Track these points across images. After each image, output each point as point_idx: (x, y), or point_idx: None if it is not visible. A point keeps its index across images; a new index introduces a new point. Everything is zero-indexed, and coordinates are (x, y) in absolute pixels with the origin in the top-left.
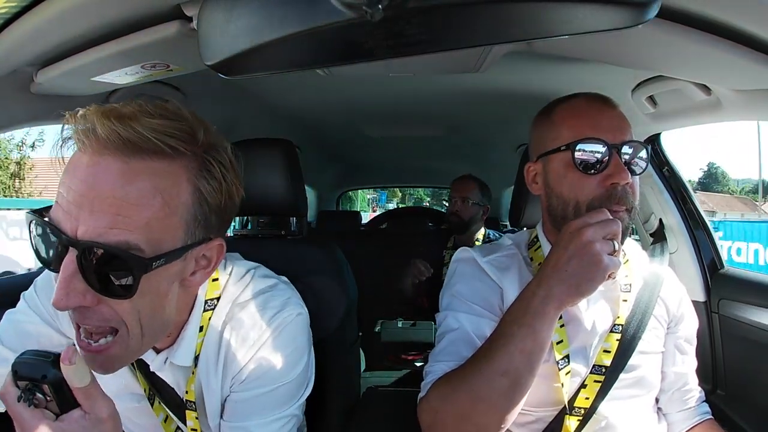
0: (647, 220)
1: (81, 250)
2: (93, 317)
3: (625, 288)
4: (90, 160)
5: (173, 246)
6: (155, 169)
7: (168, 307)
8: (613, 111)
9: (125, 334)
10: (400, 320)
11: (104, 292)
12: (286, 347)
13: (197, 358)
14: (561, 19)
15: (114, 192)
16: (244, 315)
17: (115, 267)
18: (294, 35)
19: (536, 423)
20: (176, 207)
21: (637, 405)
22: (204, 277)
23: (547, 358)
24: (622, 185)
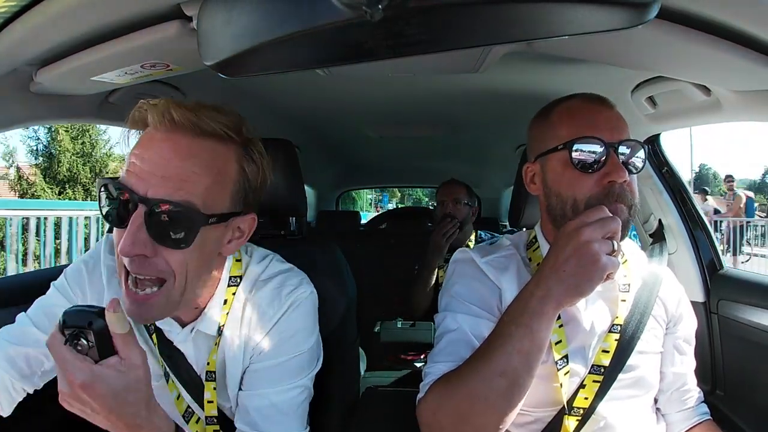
0: (647, 220)
1: (150, 206)
2: (148, 267)
3: (623, 288)
4: (163, 137)
5: (222, 210)
6: (213, 149)
7: (208, 266)
8: (610, 110)
9: (170, 285)
10: (400, 320)
11: (165, 243)
12: (301, 321)
13: (220, 330)
14: (561, 19)
15: (181, 162)
16: (265, 290)
17: (176, 221)
18: (294, 35)
19: (535, 423)
20: (226, 180)
21: (635, 405)
22: (236, 247)
23: (546, 358)
24: (619, 183)
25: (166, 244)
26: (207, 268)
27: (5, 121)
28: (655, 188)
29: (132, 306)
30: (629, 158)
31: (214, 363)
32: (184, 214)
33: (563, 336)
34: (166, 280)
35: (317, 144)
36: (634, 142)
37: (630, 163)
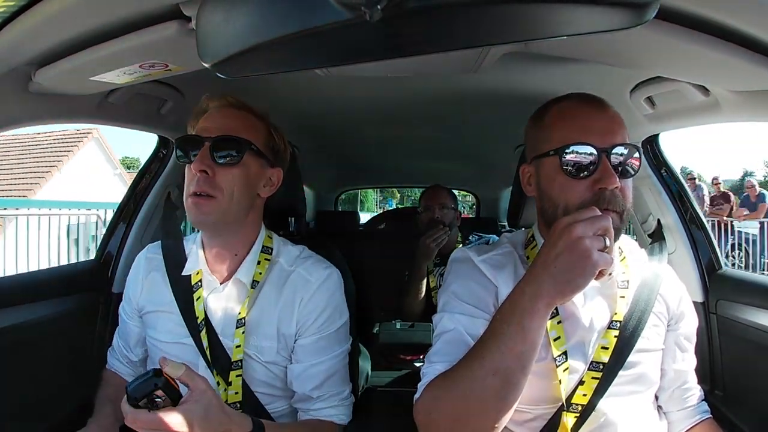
0: (645, 220)
1: (212, 140)
2: (206, 183)
3: (622, 285)
4: (219, 108)
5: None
6: (251, 117)
7: (249, 198)
8: (604, 113)
9: (220, 199)
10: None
11: (223, 161)
12: (339, 292)
13: (254, 284)
14: (559, 19)
15: (233, 120)
16: (306, 264)
17: (229, 145)
18: (292, 35)
19: (535, 421)
20: (260, 134)
21: (636, 401)
22: (270, 192)
23: (545, 355)
24: (610, 189)
25: (224, 163)
26: (249, 198)
27: (4, 121)
28: (654, 188)
29: (193, 210)
30: (623, 162)
31: (245, 311)
32: (234, 140)
33: (562, 332)
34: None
35: (316, 144)
36: (628, 145)
37: (623, 167)
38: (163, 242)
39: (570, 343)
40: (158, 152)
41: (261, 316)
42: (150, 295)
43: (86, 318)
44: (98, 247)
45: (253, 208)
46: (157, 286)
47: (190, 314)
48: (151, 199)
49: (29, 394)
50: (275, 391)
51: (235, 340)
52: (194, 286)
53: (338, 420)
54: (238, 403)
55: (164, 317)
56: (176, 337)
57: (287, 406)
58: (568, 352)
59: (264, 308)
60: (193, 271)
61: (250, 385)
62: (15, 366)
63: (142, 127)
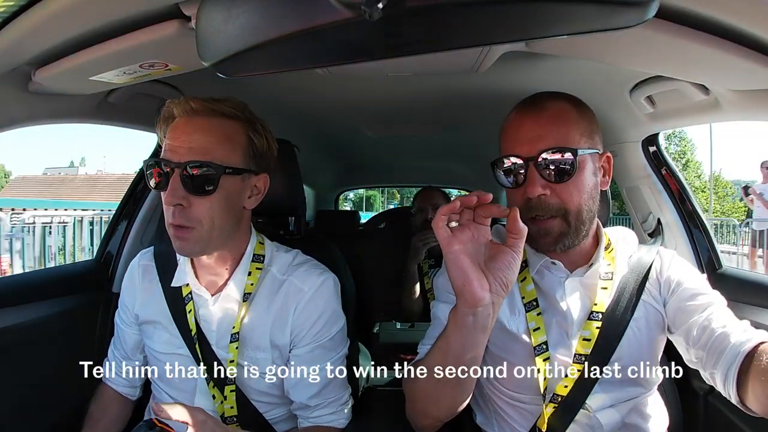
0: (645, 219)
1: (182, 168)
2: (182, 216)
3: (605, 276)
4: (187, 121)
5: (236, 166)
6: (224, 124)
7: (234, 217)
8: (534, 118)
9: (199, 229)
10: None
11: (196, 192)
12: (333, 299)
13: (245, 296)
14: (559, 19)
15: (202, 136)
16: (298, 272)
17: (202, 173)
18: (292, 35)
19: (522, 405)
20: (237, 145)
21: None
22: (255, 202)
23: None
24: (535, 198)
25: (198, 193)
26: (233, 217)
27: (4, 121)
28: (654, 187)
29: (177, 242)
30: (552, 167)
31: (239, 325)
32: (207, 167)
33: (541, 323)
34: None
35: (316, 144)
36: (556, 149)
37: (556, 170)
38: (155, 249)
39: (552, 334)
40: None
41: (254, 329)
42: (145, 304)
43: (86, 318)
44: (98, 247)
45: (239, 222)
46: (152, 296)
47: (183, 326)
48: (151, 200)
49: (29, 394)
50: (273, 399)
51: (229, 354)
52: (185, 298)
53: (338, 425)
54: (235, 417)
55: (160, 327)
56: (172, 348)
57: (286, 412)
58: (550, 343)
59: (256, 320)
60: (182, 283)
61: (247, 395)
62: (15, 366)
63: (142, 127)
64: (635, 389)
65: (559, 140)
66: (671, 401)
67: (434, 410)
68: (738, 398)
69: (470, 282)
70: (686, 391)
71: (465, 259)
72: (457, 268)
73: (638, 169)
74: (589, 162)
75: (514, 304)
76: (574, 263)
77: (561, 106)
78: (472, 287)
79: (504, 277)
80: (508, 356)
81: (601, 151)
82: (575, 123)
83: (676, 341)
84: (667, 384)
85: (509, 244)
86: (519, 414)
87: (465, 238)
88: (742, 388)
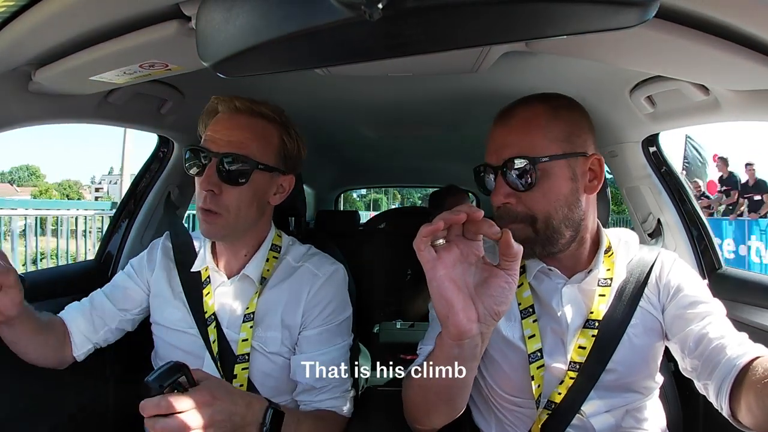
0: (645, 220)
1: (220, 158)
2: (213, 202)
3: (603, 282)
4: (229, 117)
5: (268, 163)
6: (261, 124)
7: (259, 208)
8: (503, 127)
9: (227, 216)
10: (399, 321)
11: (230, 181)
12: (343, 289)
13: (262, 280)
14: (559, 19)
15: (241, 132)
16: (313, 260)
17: (237, 166)
18: (292, 35)
19: (517, 409)
20: (271, 145)
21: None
22: (280, 199)
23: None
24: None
25: (230, 182)
26: (257, 210)
27: (4, 121)
28: (654, 187)
29: (203, 224)
30: (514, 175)
31: (254, 306)
32: (242, 161)
33: (537, 330)
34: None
35: (316, 144)
36: (517, 158)
37: (516, 179)
38: (173, 240)
39: (547, 342)
40: (158, 152)
41: (267, 309)
42: (160, 281)
43: None
44: (98, 247)
45: (263, 214)
46: (169, 275)
47: (198, 308)
48: (151, 199)
49: (30, 394)
50: (278, 383)
51: (241, 333)
52: (203, 282)
53: (340, 411)
54: None
55: (172, 306)
56: (183, 326)
57: (290, 400)
58: (545, 351)
59: (270, 301)
60: (201, 267)
61: (253, 378)
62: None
63: (142, 127)
64: (632, 395)
65: (522, 148)
66: (671, 401)
67: (427, 420)
68: (729, 411)
69: (455, 314)
70: (686, 391)
71: (450, 287)
72: (441, 296)
73: (638, 169)
74: (563, 167)
75: (510, 311)
76: (573, 269)
77: (531, 112)
78: (457, 319)
79: (495, 305)
80: (503, 361)
81: (587, 154)
82: (544, 129)
83: (673, 348)
84: (667, 384)
85: (503, 267)
86: (516, 417)
87: (452, 260)
88: (735, 402)
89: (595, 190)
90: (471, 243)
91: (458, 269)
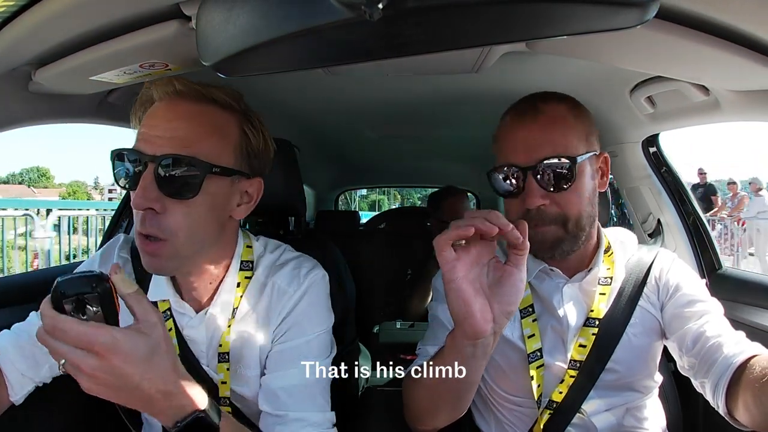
0: (645, 220)
1: (158, 163)
2: (155, 224)
3: (604, 281)
4: (168, 105)
5: (225, 165)
6: (214, 112)
7: (219, 226)
8: (533, 125)
9: (174, 242)
10: (399, 321)
11: (174, 194)
12: (319, 301)
13: (235, 312)
14: (559, 19)
15: (185, 123)
16: (283, 272)
17: (182, 171)
18: (293, 35)
19: (518, 409)
20: (228, 139)
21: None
22: (246, 211)
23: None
24: (533, 209)
25: (175, 196)
26: (217, 228)
27: (4, 121)
28: (654, 188)
29: (145, 257)
30: (551, 176)
31: (227, 344)
32: (188, 164)
33: (536, 330)
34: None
35: (316, 144)
36: (556, 157)
37: (552, 180)
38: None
39: (547, 341)
40: None
41: (243, 346)
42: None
43: None
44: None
45: (224, 232)
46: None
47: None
48: None
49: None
50: None
51: (219, 374)
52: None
53: None
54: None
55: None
56: None
57: None
58: (545, 350)
59: (245, 334)
60: (157, 298)
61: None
62: None
63: None
64: (632, 394)
65: (557, 147)
66: (671, 401)
67: (430, 420)
68: (726, 410)
69: (473, 315)
70: (686, 390)
71: (468, 289)
72: (459, 299)
73: (638, 169)
74: (588, 166)
75: None
76: (574, 268)
77: (557, 109)
78: (474, 320)
79: (510, 305)
80: (503, 361)
81: (598, 152)
82: (572, 128)
83: (671, 347)
84: (667, 384)
85: (514, 262)
86: (516, 417)
87: (469, 261)
88: (731, 400)
89: (604, 186)
90: (487, 243)
91: (475, 270)
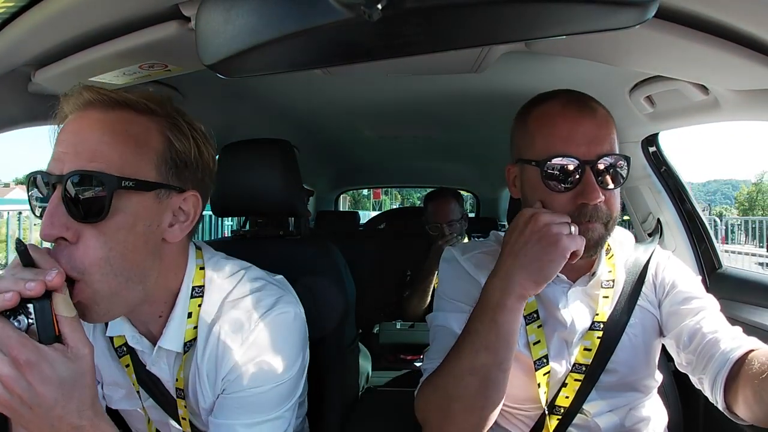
0: (645, 219)
1: (64, 182)
2: (67, 259)
3: (606, 284)
4: (76, 115)
5: (144, 178)
6: (128, 119)
7: (150, 253)
8: (589, 119)
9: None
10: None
11: (82, 217)
12: (278, 347)
13: (187, 345)
14: (559, 19)
15: (92, 134)
16: (235, 312)
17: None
18: (292, 35)
19: (522, 419)
20: (146, 149)
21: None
22: (183, 232)
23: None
24: (592, 204)
25: (85, 219)
26: (148, 254)
27: (4, 121)
28: (654, 187)
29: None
30: (609, 173)
31: (182, 380)
32: (95, 179)
33: (542, 336)
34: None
35: (316, 144)
36: (615, 155)
37: (609, 177)
38: None
39: (551, 346)
40: None
41: (196, 383)
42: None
43: None
44: None
45: (161, 258)
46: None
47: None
48: None
49: None
50: None
51: (179, 410)
52: (118, 350)
53: None
54: None
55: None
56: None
57: None
58: (551, 355)
59: (197, 371)
60: (114, 333)
61: None
62: None
63: None
64: (633, 394)
65: (611, 146)
66: (671, 401)
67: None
68: (725, 404)
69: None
70: (686, 391)
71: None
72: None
73: (638, 169)
74: None
75: None
76: (577, 272)
77: (602, 108)
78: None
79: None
80: None
81: None
82: (614, 130)
83: (668, 344)
84: (668, 384)
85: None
86: (519, 420)
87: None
88: (730, 395)
89: None
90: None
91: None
